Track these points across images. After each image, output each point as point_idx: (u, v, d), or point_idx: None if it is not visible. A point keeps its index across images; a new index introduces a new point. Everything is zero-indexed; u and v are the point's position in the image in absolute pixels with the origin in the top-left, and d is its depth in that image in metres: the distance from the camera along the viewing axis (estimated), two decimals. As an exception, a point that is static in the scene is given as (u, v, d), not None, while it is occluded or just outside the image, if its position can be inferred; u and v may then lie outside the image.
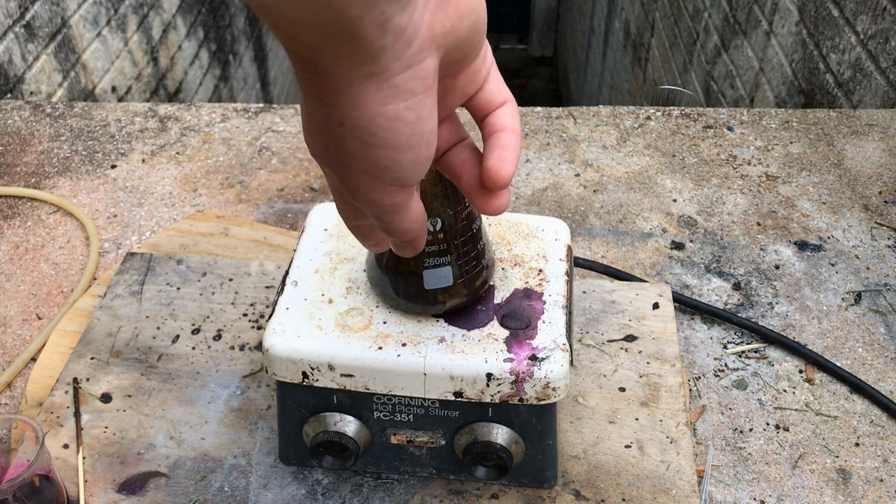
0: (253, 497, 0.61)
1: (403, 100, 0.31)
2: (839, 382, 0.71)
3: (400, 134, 0.32)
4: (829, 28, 1.49)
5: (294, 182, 0.94)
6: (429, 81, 0.32)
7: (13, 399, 0.70)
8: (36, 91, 1.37)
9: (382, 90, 0.31)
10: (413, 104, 0.32)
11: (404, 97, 0.31)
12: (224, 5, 2.47)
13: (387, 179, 0.34)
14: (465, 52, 0.35)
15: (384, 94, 0.31)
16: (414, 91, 0.32)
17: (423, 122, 0.33)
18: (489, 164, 0.38)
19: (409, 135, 0.32)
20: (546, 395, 0.53)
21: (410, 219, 0.38)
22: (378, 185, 0.35)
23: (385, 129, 0.32)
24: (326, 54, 0.30)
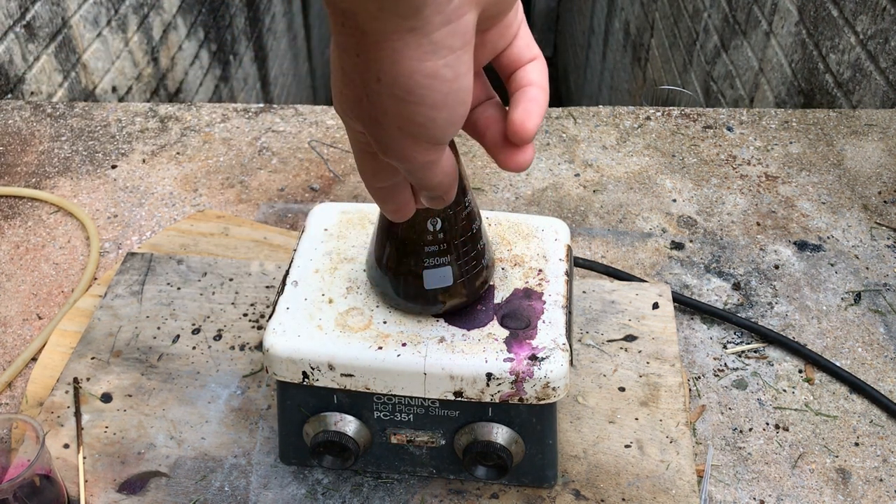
0: (253, 497, 0.61)
1: (442, 56, 0.31)
2: (839, 382, 0.71)
3: (437, 91, 0.32)
4: (828, 28, 1.49)
5: (294, 182, 0.94)
6: (467, 37, 0.32)
7: (14, 399, 0.70)
8: (36, 91, 1.37)
9: (422, 46, 0.31)
10: (451, 61, 0.31)
11: (443, 53, 0.31)
12: (224, 5, 2.47)
13: (422, 137, 0.34)
14: (501, 8, 0.34)
15: (423, 49, 0.31)
16: (452, 47, 0.31)
17: (461, 80, 0.32)
18: (514, 117, 0.37)
19: (445, 92, 0.32)
20: (546, 395, 0.53)
21: (443, 172, 0.37)
22: (412, 142, 0.34)
23: (422, 86, 0.32)
24: (368, 7, 0.30)
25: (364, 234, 0.61)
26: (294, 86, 3.56)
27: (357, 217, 0.62)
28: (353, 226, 0.62)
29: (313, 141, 1.01)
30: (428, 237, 0.51)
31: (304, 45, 3.77)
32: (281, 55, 3.27)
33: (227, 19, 2.51)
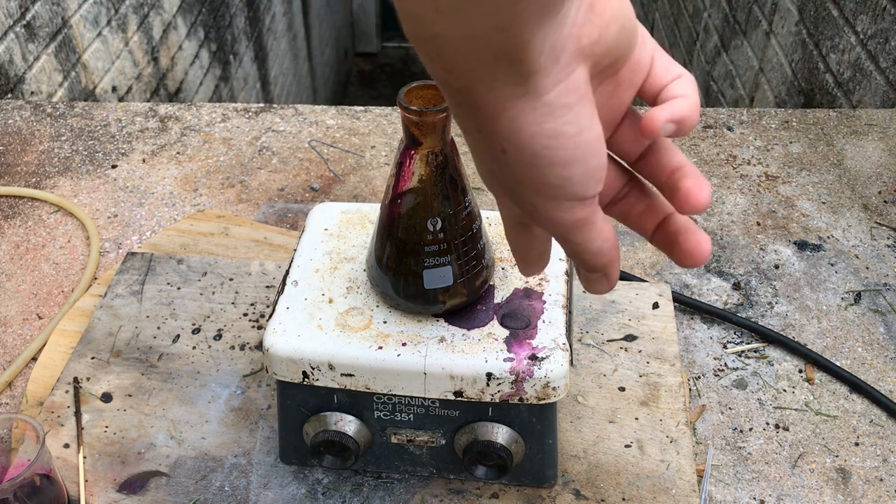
0: (253, 496, 0.61)
1: (560, 115, 0.31)
2: (839, 382, 0.71)
3: (564, 149, 0.32)
4: (828, 28, 1.49)
5: (294, 182, 0.94)
6: (581, 92, 0.32)
7: (14, 399, 0.70)
8: (36, 91, 1.37)
9: (537, 109, 0.31)
10: (571, 118, 0.31)
11: (560, 112, 0.31)
12: (224, 5, 2.47)
13: (561, 196, 0.34)
14: (617, 55, 0.34)
15: (539, 112, 0.31)
16: (570, 104, 0.31)
17: (586, 133, 0.32)
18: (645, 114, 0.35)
19: (572, 148, 0.32)
20: (546, 395, 0.53)
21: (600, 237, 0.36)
22: (555, 204, 0.34)
23: (548, 148, 0.32)
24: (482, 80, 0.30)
25: (364, 234, 0.61)
26: (294, 86, 3.56)
27: (357, 217, 0.63)
28: (353, 226, 0.62)
29: (313, 141, 1.01)
30: (428, 237, 0.51)
31: (304, 45, 3.77)
32: (281, 55, 3.27)
33: (227, 19, 2.51)
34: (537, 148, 0.32)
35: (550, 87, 0.30)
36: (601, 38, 0.31)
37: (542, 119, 0.31)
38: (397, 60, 5.19)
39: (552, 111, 0.31)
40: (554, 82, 0.30)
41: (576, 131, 0.32)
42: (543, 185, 0.33)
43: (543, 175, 0.33)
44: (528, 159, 0.32)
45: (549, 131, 0.31)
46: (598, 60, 0.32)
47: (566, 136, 0.32)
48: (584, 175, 0.33)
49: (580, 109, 0.32)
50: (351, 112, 1.06)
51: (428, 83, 0.48)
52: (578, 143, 0.32)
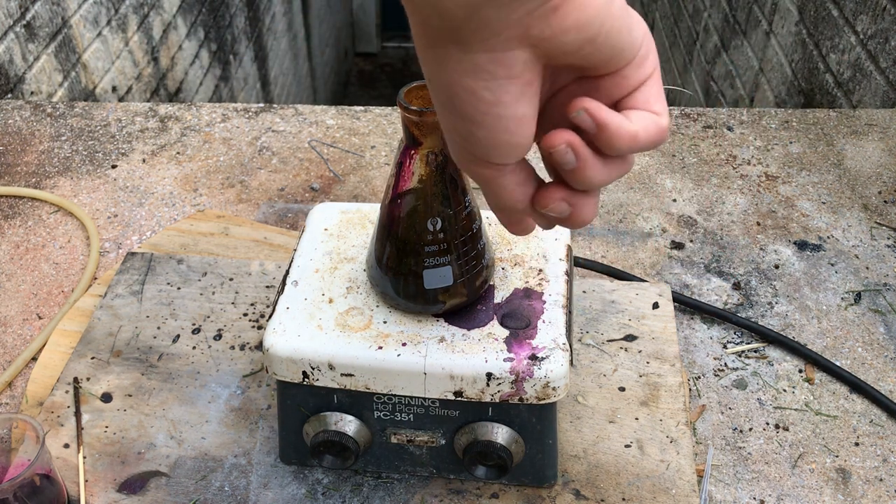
0: (253, 496, 0.61)
1: (482, 78, 0.32)
2: (839, 382, 0.71)
3: (474, 110, 0.32)
4: (828, 28, 1.49)
5: (294, 182, 0.94)
6: (514, 71, 0.32)
7: (14, 399, 0.70)
8: (36, 91, 1.37)
9: (462, 62, 0.31)
10: (492, 86, 0.32)
11: (482, 76, 0.32)
12: (224, 5, 2.47)
13: (466, 149, 0.35)
14: (588, 63, 0.33)
15: (463, 66, 0.32)
16: (494, 74, 0.32)
17: (503, 107, 0.32)
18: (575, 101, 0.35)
19: (482, 112, 0.33)
20: (546, 395, 0.53)
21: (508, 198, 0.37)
22: (463, 151, 0.35)
23: (460, 100, 0.32)
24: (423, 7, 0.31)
25: (364, 234, 0.61)
26: (294, 86, 3.56)
27: (357, 217, 0.62)
28: (353, 226, 0.62)
29: (313, 141, 1.01)
30: (428, 237, 0.51)
31: (304, 45, 3.77)
32: (281, 55, 3.27)
33: (227, 19, 2.51)
34: (451, 94, 0.33)
35: (480, 51, 0.31)
36: (555, 38, 0.31)
37: (464, 73, 0.32)
38: (397, 60, 5.19)
39: (476, 71, 0.31)
40: (485, 48, 0.31)
41: (491, 99, 0.32)
42: (453, 130, 0.34)
43: (453, 121, 0.34)
44: (445, 101, 0.33)
45: (467, 86, 0.32)
46: (552, 55, 0.32)
47: (480, 99, 0.32)
48: (489, 141, 0.34)
49: (506, 84, 0.32)
50: (351, 112, 1.06)
51: None
52: (490, 112, 0.32)
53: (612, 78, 0.35)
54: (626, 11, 0.33)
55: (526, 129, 0.34)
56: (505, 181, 0.36)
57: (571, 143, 0.34)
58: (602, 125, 0.34)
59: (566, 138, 0.34)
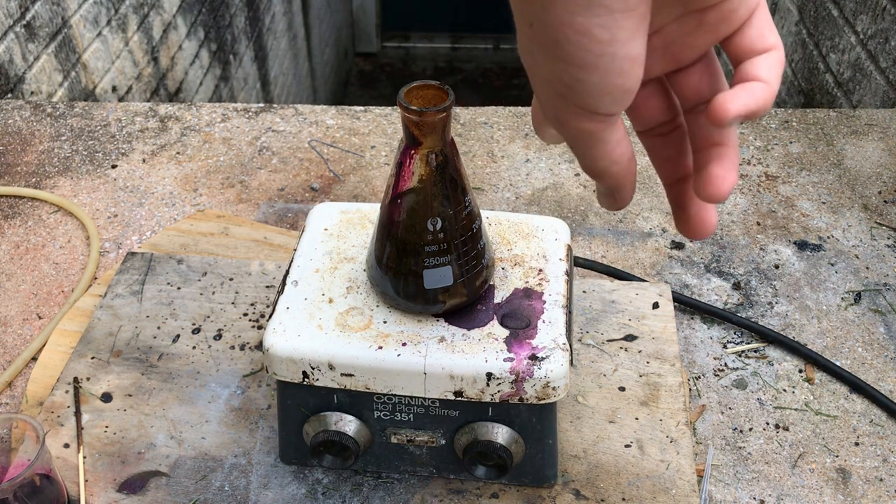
0: (253, 496, 0.61)
1: (595, 14, 0.28)
2: (839, 382, 0.71)
3: (586, 51, 0.29)
4: (828, 28, 1.49)
5: (294, 182, 0.94)
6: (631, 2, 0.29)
7: (14, 398, 0.70)
8: (36, 91, 1.37)
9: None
10: (607, 22, 0.29)
11: (597, 11, 0.28)
12: (224, 5, 2.47)
13: (571, 100, 0.31)
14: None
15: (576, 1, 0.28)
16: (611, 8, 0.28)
17: (618, 46, 0.29)
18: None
19: (596, 54, 0.29)
20: (546, 395, 0.53)
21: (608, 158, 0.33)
22: (563, 105, 0.32)
23: (571, 42, 0.29)
24: None
25: (364, 233, 0.61)
26: (294, 86, 3.56)
27: (357, 217, 0.62)
28: (353, 226, 0.62)
29: (313, 141, 1.01)
30: (428, 237, 0.51)
31: (304, 45, 3.77)
32: (281, 55, 3.27)
33: (227, 19, 2.51)
34: (561, 37, 0.29)
35: None
36: None
37: (576, 9, 0.28)
38: (397, 60, 5.19)
39: (589, 6, 0.28)
40: None
41: (607, 38, 0.29)
42: (555, 79, 0.31)
43: (558, 69, 0.30)
44: (550, 46, 0.30)
45: (579, 25, 0.29)
46: None
47: (593, 39, 0.29)
48: (600, 88, 0.30)
49: (622, 20, 0.29)
50: (351, 112, 1.06)
51: (428, 83, 0.48)
52: (604, 52, 0.29)
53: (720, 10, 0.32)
54: None
55: (639, 71, 0.31)
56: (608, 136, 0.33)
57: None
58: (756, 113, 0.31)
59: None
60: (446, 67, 4.93)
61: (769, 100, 0.32)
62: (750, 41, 0.33)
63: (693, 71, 0.34)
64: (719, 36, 0.33)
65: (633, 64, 0.30)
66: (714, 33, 0.32)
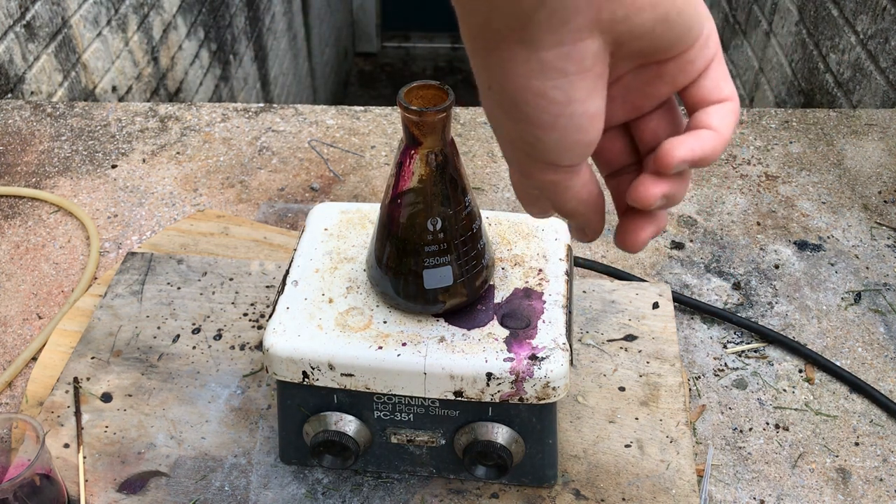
0: (253, 496, 0.61)
1: (552, 78, 0.29)
2: (839, 382, 0.71)
3: (545, 112, 0.30)
4: (828, 28, 1.49)
5: (294, 182, 0.94)
6: (585, 64, 0.29)
7: (14, 398, 0.70)
8: (36, 91, 1.37)
9: (530, 62, 0.29)
10: (562, 84, 0.29)
11: (552, 75, 0.29)
12: (224, 5, 2.47)
13: (534, 156, 0.32)
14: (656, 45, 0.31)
15: (531, 66, 0.29)
16: (565, 71, 0.29)
17: (576, 105, 0.30)
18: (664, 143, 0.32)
19: (554, 115, 0.30)
20: (546, 395, 0.53)
21: (575, 199, 0.34)
22: (527, 160, 0.33)
23: (529, 104, 0.30)
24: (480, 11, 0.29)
25: (364, 233, 0.61)
26: (294, 86, 3.56)
27: (357, 217, 0.63)
28: (353, 226, 0.62)
29: (313, 141, 1.01)
30: (428, 237, 0.51)
31: (304, 45, 3.77)
32: (281, 55, 3.27)
33: (227, 19, 2.51)
34: (519, 100, 0.30)
35: (549, 46, 0.29)
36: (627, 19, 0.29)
37: (531, 74, 0.29)
38: (397, 60, 5.19)
39: (544, 70, 0.29)
40: (554, 42, 0.29)
41: (563, 99, 0.30)
42: (517, 139, 0.32)
43: (519, 128, 0.31)
44: (509, 108, 0.31)
45: (536, 88, 0.29)
46: (621, 41, 0.30)
47: (551, 101, 0.30)
48: (560, 145, 0.31)
49: (577, 80, 0.30)
50: (351, 112, 1.06)
51: (428, 83, 0.48)
52: (562, 112, 0.30)
53: (677, 62, 0.32)
54: None
55: (598, 125, 0.32)
56: (574, 182, 0.34)
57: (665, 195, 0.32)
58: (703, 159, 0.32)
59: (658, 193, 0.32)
60: (446, 67, 4.93)
61: (718, 148, 0.33)
62: (706, 91, 0.33)
63: (653, 117, 0.35)
64: (677, 86, 0.33)
65: (592, 120, 0.31)
66: (672, 84, 0.33)
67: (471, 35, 0.30)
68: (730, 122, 0.33)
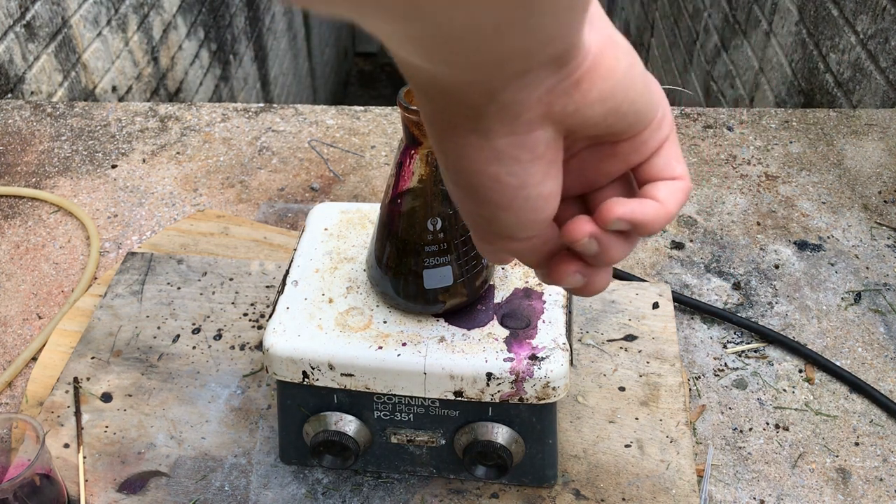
0: (253, 496, 0.61)
1: (506, 164, 0.30)
2: (839, 382, 0.71)
3: (500, 195, 0.31)
4: (828, 28, 1.49)
5: (294, 182, 0.94)
6: (538, 152, 0.30)
7: (14, 398, 0.70)
8: (36, 91, 1.37)
9: (484, 150, 0.30)
10: (517, 170, 0.30)
11: (506, 162, 0.30)
12: (224, 5, 2.47)
13: (491, 232, 0.33)
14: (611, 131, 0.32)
15: (485, 154, 0.30)
16: (518, 158, 0.30)
17: (530, 189, 0.31)
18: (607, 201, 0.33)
19: (510, 198, 0.31)
20: (546, 395, 0.53)
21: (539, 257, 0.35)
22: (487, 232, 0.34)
23: (484, 188, 0.31)
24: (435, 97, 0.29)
25: (364, 234, 0.61)
26: (294, 85, 3.56)
27: (357, 217, 0.62)
28: (353, 226, 0.62)
29: (313, 141, 1.01)
30: (428, 237, 0.51)
31: (304, 45, 3.77)
32: (281, 55, 3.27)
33: (227, 19, 2.51)
34: (475, 183, 0.31)
35: (502, 136, 0.29)
36: (578, 113, 0.30)
37: (486, 161, 0.30)
38: (397, 60, 5.18)
39: (499, 158, 0.30)
40: (507, 132, 0.29)
41: (518, 184, 0.31)
42: (475, 215, 0.33)
43: (476, 207, 0.32)
44: (466, 188, 0.32)
45: (491, 174, 0.30)
46: (573, 129, 0.31)
47: (505, 185, 0.31)
48: (516, 222, 0.32)
49: (531, 166, 0.30)
50: (351, 112, 1.06)
51: None
52: (518, 195, 0.31)
53: (631, 143, 0.33)
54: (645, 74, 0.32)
55: (553, 204, 0.32)
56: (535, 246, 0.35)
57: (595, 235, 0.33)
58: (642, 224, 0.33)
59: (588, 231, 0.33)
60: (446, 67, 4.91)
61: (660, 219, 0.33)
62: (657, 170, 0.34)
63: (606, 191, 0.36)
64: (630, 164, 0.34)
65: (547, 200, 0.32)
66: (625, 162, 0.34)
67: (427, 120, 0.31)
68: (677, 198, 0.34)
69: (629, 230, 0.33)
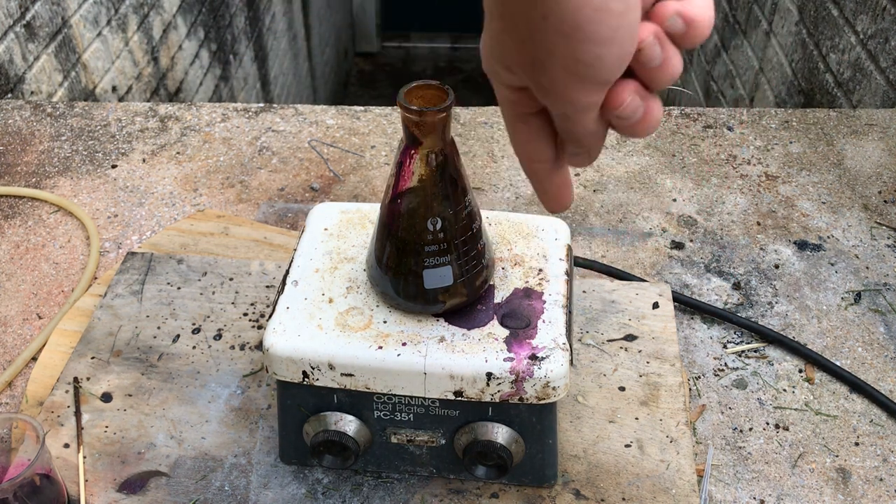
0: (253, 496, 0.61)
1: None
2: (839, 382, 0.71)
3: (606, 26, 0.31)
4: (828, 28, 1.49)
5: (294, 182, 0.94)
6: None
7: (14, 398, 0.70)
8: (36, 91, 1.37)
9: None
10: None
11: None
12: (224, 5, 2.47)
13: (588, 77, 0.33)
14: None
15: None
16: None
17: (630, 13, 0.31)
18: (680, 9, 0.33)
19: (615, 27, 0.31)
20: (546, 395, 0.53)
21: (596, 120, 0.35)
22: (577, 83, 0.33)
23: (591, 21, 0.30)
24: None
25: (364, 233, 0.61)
26: (294, 85, 3.56)
27: (357, 217, 0.63)
28: (353, 225, 0.62)
29: (313, 140, 1.01)
30: (428, 237, 0.51)
31: (304, 45, 3.77)
32: (281, 55, 3.27)
33: (227, 19, 2.51)
34: (580, 19, 0.30)
35: None
36: None
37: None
38: (397, 60, 5.19)
39: None
40: None
41: (623, 8, 0.30)
42: (574, 62, 0.32)
43: (577, 51, 0.32)
44: (568, 30, 0.31)
45: (596, 3, 0.30)
46: None
47: (611, 13, 0.30)
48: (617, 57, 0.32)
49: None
50: (351, 112, 1.06)
51: (428, 83, 0.48)
52: (621, 23, 0.31)
53: None
54: None
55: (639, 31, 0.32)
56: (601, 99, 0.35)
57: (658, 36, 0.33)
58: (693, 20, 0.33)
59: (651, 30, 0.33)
60: (446, 67, 4.93)
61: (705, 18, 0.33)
62: None
63: None
64: None
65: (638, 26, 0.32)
66: None
67: None
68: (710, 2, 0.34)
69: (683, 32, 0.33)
